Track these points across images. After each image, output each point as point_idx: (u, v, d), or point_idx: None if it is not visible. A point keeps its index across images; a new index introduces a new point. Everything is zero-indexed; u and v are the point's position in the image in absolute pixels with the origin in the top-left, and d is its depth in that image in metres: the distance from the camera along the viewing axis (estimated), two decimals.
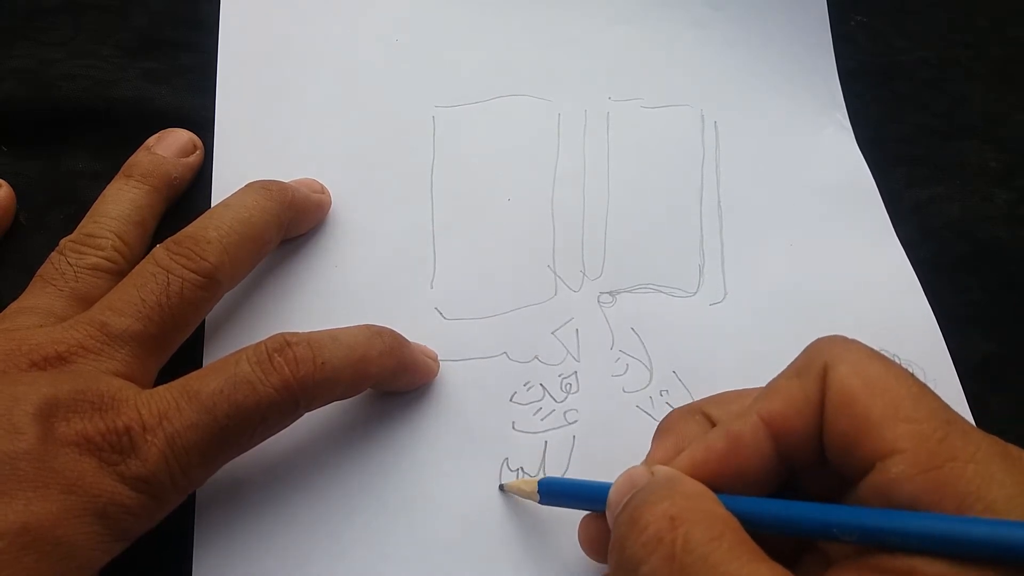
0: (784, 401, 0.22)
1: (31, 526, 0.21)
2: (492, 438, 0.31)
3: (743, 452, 0.22)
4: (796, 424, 0.22)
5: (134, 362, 0.26)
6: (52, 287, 0.28)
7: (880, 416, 0.20)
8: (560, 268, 0.34)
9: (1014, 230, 0.37)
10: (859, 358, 0.22)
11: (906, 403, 0.20)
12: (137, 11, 0.39)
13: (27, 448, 0.22)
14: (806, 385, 0.22)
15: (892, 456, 0.20)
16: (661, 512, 0.20)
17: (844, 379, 0.21)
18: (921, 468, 0.19)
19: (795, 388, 0.22)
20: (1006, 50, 0.43)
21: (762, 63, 0.41)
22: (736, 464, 0.22)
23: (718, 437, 0.23)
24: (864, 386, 0.21)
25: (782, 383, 0.23)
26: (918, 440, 0.20)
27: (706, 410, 0.25)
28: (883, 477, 0.20)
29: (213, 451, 0.25)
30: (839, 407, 0.21)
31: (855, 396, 0.21)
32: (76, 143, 0.35)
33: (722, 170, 0.38)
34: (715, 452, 0.22)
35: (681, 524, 0.20)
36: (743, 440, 0.22)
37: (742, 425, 0.22)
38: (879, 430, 0.20)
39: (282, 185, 0.32)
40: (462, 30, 0.40)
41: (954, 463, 0.19)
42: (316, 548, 0.28)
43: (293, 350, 0.26)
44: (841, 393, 0.21)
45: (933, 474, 0.19)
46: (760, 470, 0.22)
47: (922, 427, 0.20)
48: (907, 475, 0.19)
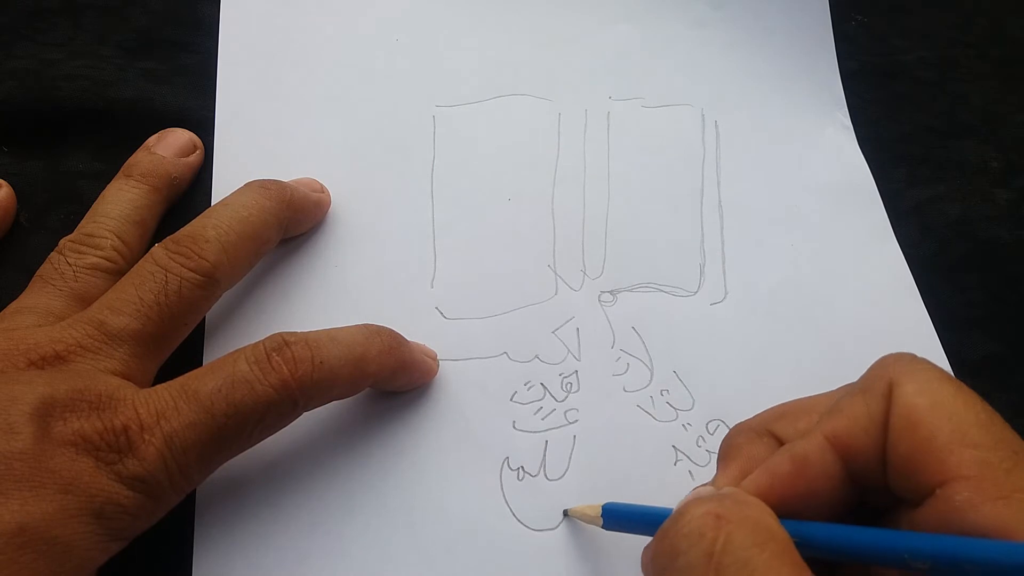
0: (849, 420, 0.21)
1: (27, 526, 0.21)
2: (492, 437, 0.30)
3: (809, 475, 0.21)
4: (863, 443, 0.21)
5: (132, 361, 0.26)
6: (51, 287, 0.28)
7: (945, 440, 0.20)
8: (560, 267, 0.34)
9: (1014, 230, 0.37)
10: (927, 378, 0.21)
11: (973, 429, 0.20)
12: (137, 11, 0.39)
13: (23, 448, 0.22)
14: (871, 403, 0.21)
15: (956, 482, 0.19)
16: (707, 509, 0.20)
17: (910, 399, 0.20)
18: (988, 497, 0.19)
19: (859, 406, 0.21)
20: (1006, 50, 0.43)
21: (763, 63, 0.41)
22: (803, 487, 0.21)
23: (783, 460, 0.22)
24: (930, 408, 0.20)
25: (847, 401, 0.22)
26: (984, 468, 0.19)
27: (772, 429, 0.24)
28: (947, 504, 0.19)
29: (211, 451, 0.25)
30: (903, 428, 0.20)
31: (920, 417, 0.20)
32: (76, 143, 0.35)
33: (723, 169, 0.38)
34: (780, 476, 0.21)
35: (726, 524, 0.19)
36: (809, 462, 0.21)
37: (807, 446, 0.21)
38: (944, 454, 0.19)
39: (281, 184, 0.32)
40: (462, 30, 0.40)
41: (1021, 494, 0.19)
42: (316, 548, 0.28)
43: (291, 349, 0.26)
44: (906, 413, 0.20)
45: (1001, 504, 0.18)
46: (828, 491, 0.21)
47: (989, 455, 0.19)
48: (973, 503, 0.19)
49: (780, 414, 0.24)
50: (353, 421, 0.30)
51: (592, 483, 0.30)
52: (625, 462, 0.30)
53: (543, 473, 0.30)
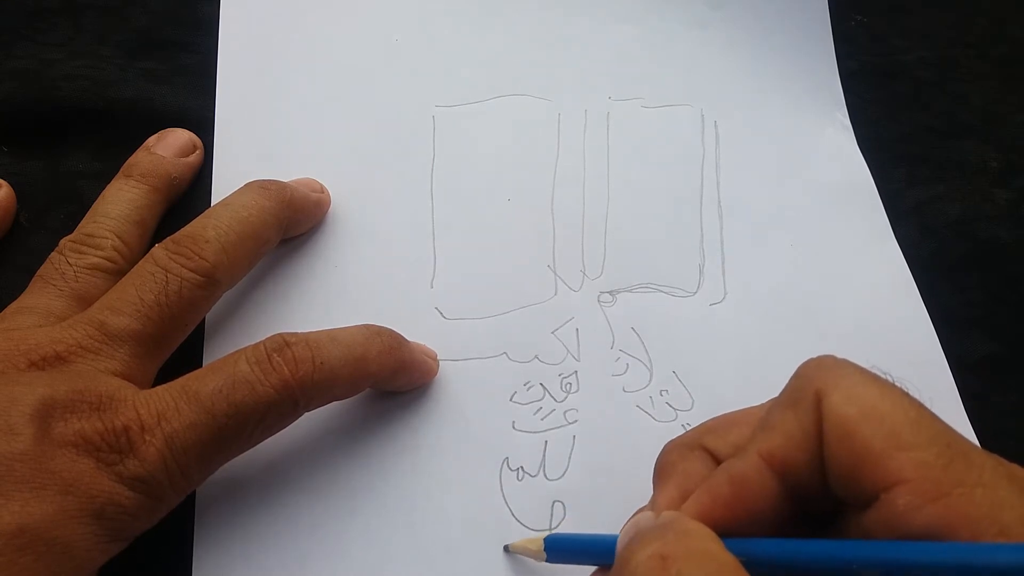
0: (782, 436, 0.21)
1: (28, 527, 0.21)
2: (492, 438, 0.30)
3: (749, 494, 0.21)
4: (798, 459, 0.21)
5: (133, 362, 0.26)
6: (52, 287, 0.28)
7: (881, 447, 0.19)
8: (560, 268, 0.34)
9: (1014, 230, 0.37)
10: (851, 383, 0.21)
11: (905, 430, 0.20)
12: (137, 11, 0.39)
13: (24, 449, 0.22)
14: (801, 416, 0.21)
15: (897, 487, 0.19)
16: (652, 551, 0.19)
17: (839, 409, 0.20)
18: (928, 497, 0.19)
19: (791, 421, 0.21)
20: (1006, 50, 0.43)
21: (763, 63, 0.41)
22: (744, 507, 0.21)
23: (722, 482, 0.21)
24: (860, 416, 0.20)
25: (777, 416, 0.22)
26: (922, 469, 0.19)
27: (704, 443, 0.24)
28: (890, 510, 0.19)
29: (212, 451, 0.25)
30: (838, 441, 0.20)
31: (852, 427, 0.20)
32: (76, 143, 0.35)
33: (722, 170, 0.38)
34: (720, 497, 0.21)
35: (673, 563, 0.19)
36: (748, 482, 0.21)
37: (744, 466, 0.21)
38: (882, 460, 0.19)
39: (281, 184, 0.32)
40: (462, 30, 0.40)
41: (962, 489, 0.19)
42: (316, 548, 0.28)
43: (292, 350, 0.26)
44: (837, 424, 0.20)
45: (942, 502, 0.19)
46: (770, 508, 0.21)
47: (924, 454, 0.19)
48: (915, 505, 0.19)
49: (710, 428, 0.24)
50: (353, 421, 0.30)
51: (591, 483, 0.30)
52: (624, 462, 0.30)
53: (543, 473, 0.30)
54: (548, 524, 0.29)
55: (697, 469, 0.23)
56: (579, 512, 0.29)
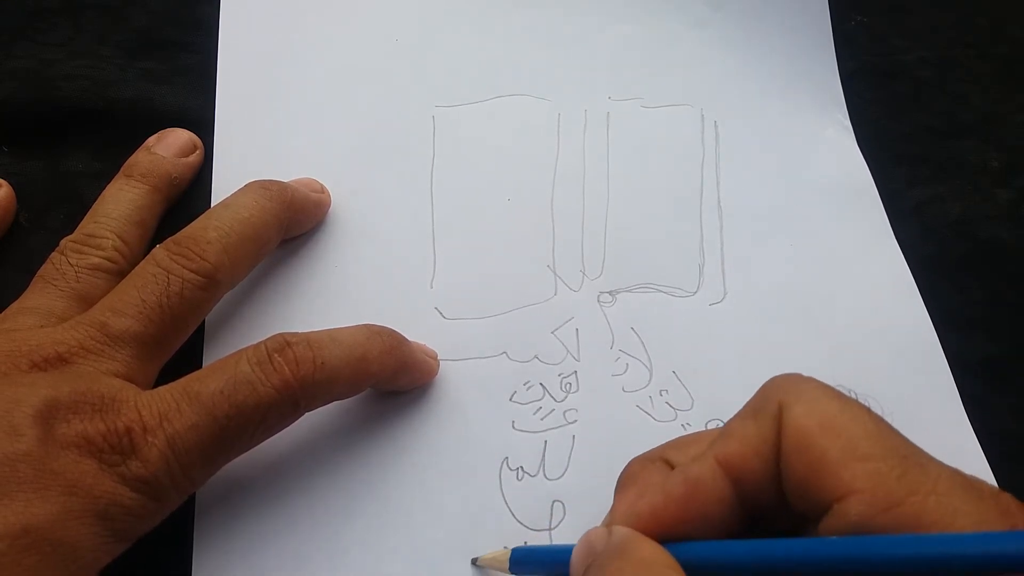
0: (740, 443, 0.22)
1: (32, 528, 0.21)
2: (492, 437, 0.31)
3: (702, 496, 0.21)
4: (754, 466, 0.21)
5: (134, 363, 0.26)
6: (53, 287, 0.28)
7: (837, 456, 0.20)
8: (560, 268, 0.34)
9: (1014, 230, 0.37)
10: (814, 397, 0.21)
11: (862, 442, 0.20)
12: (137, 11, 0.39)
13: (27, 450, 0.22)
14: (761, 426, 0.21)
15: (850, 497, 0.19)
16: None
17: (799, 419, 0.21)
18: (880, 507, 0.19)
19: (751, 429, 0.22)
20: (1007, 50, 0.43)
21: (763, 63, 0.41)
22: (696, 509, 0.21)
23: (676, 483, 0.22)
24: (819, 427, 0.20)
25: (737, 424, 0.22)
26: (876, 479, 0.19)
27: (666, 456, 0.24)
28: (844, 519, 0.19)
29: (213, 452, 0.25)
30: (795, 449, 0.21)
31: (810, 437, 0.20)
32: (76, 143, 0.35)
33: (722, 170, 0.38)
34: (674, 498, 0.22)
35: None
36: (701, 484, 0.22)
37: (699, 469, 0.22)
38: (836, 470, 0.20)
39: (281, 185, 0.32)
40: (462, 30, 0.40)
41: (914, 497, 0.19)
42: (316, 548, 0.28)
43: (293, 350, 0.26)
44: (796, 434, 0.21)
45: (894, 512, 0.19)
46: (721, 513, 0.22)
47: (879, 465, 0.19)
48: (867, 515, 0.19)
49: (672, 444, 0.25)
50: (353, 421, 0.30)
51: (591, 483, 0.30)
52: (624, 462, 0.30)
53: (542, 473, 0.30)
54: (548, 524, 0.29)
55: (655, 479, 0.23)
56: (579, 512, 0.29)
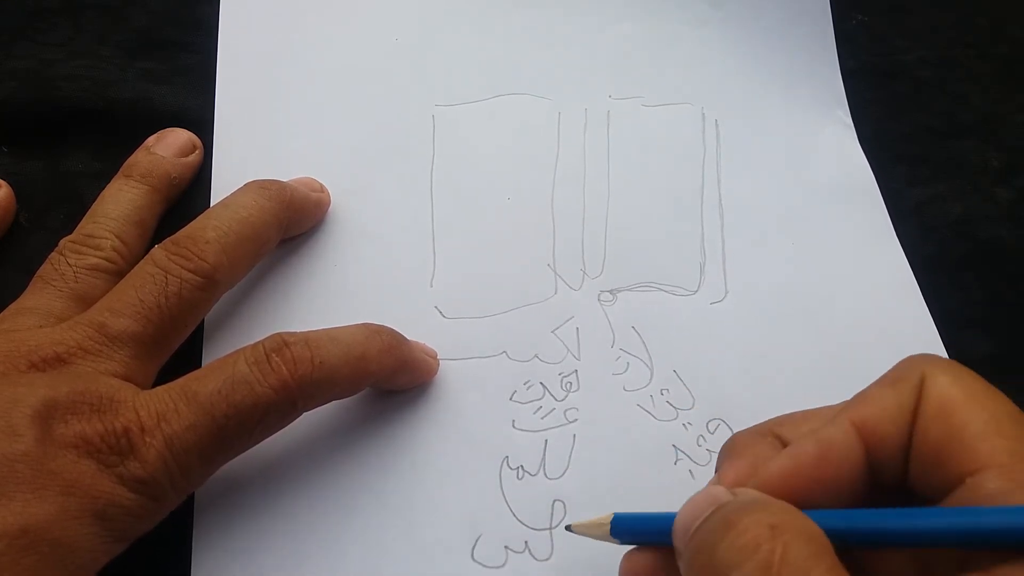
0: (877, 408, 0.21)
1: (30, 528, 0.21)
2: (492, 437, 0.30)
3: (834, 460, 0.21)
4: (890, 432, 0.21)
5: (133, 363, 0.26)
6: (52, 287, 0.28)
7: (979, 429, 0.19)
8: (560, 267, 0.34)
9: (1014, 230, 0.37)
10: (960, 373, 0.21)
11: (1006, 421, 0.20)
12: (137, 11, 0.39)
13: (26, 450, 0.22)
14: (901, 393, 0.21)
15: (988, 470, 0.19)
16: (760, 519, 0.19)
17: (944, 389, 0.20)
18: (1019, 484, 0.18)
19: (888, 396, 0.21)
20: (1007, 49, 0.43)
21: (763, 61, 0.41)
22: (827, 473, 0.21)
23: (808, 444, 0.21)
24: (965, 398, 0.20)
25: (874, 390, 0.22)
26: (1017, 458, 0.19)
27: (776, 431, 0.24)
28: (977, 492, 0.19)
29: (212, 452, 0.25)
30: (935, 416, 0.20)
31: (954, 406, 0.20)
32: (76, 143, 0.35)
33: (723, 168, 0.38)
34: (805, 460, 0.21)
35: (782, 534, 0.18)
36: (835, 446, 0.21)
37: (833, 431, 0.21)
38: (976, 443, 0.19)
39: (281, 184, 0.32)
40: (462, 30, 0.40)
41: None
42: (315, 548, 0.28)
43: (291, 350, 0.26)
44: (939, 402, 0.20)
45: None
46: (850, 481, 0.21)
47: (1021, 447, 0.19)
48: (1005, 491, 0.18)
49: (782, 420, 0.24)
50: (353, 421, 0.30)
51: (592, 482, 0.30)
52: (625, 461, 0.30)
53: (543, 472, 0.30)
54: (548, 523, 0.29)
55: (768, 452, 0.23)
56: (579, 511, 0.29)
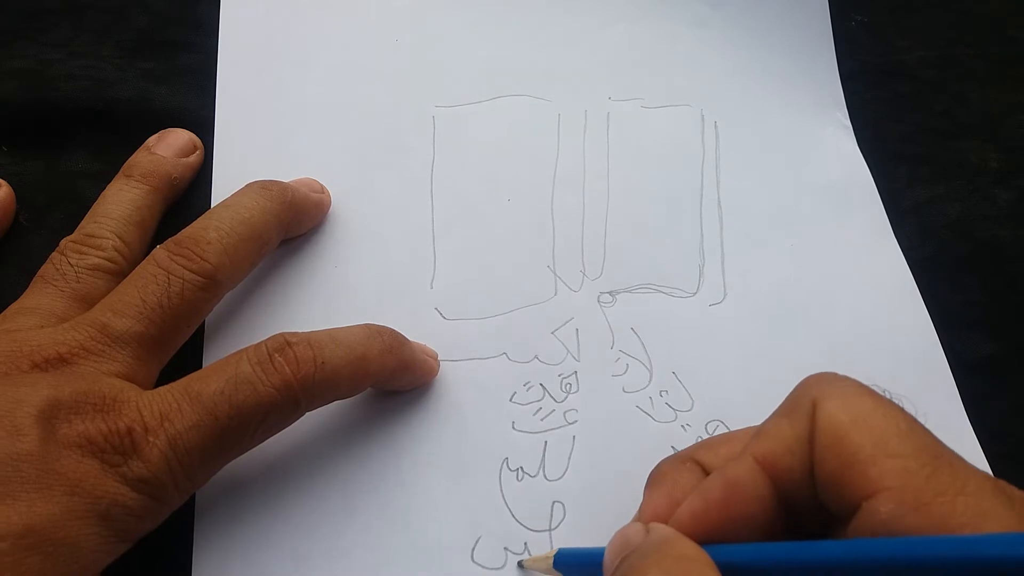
0: (776, 440, 0.22)
1: (34, 527, 0.21)
2: (492, 438, 0.31)
3: (742, 497, 0.21)
4: (790, 463, 0.21)
5: (135, 363, 0.26)
6: (53, 287, 0.28)
7: (868, 453, 0.20)
8: (560, 268, 0.34)
9: (1014, 230, 0.37)
10: (848, 394, 0.21)
11: (894, 439, 0.20)
12: (137, 11, 0.39)
13: (29, 450, 0.22)
14: (796, 423, 0.21)
15: (880, 494, 0.19)
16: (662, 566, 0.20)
17: (832, 416, 0.21)
18: (909, 506, 0.19)
19: (785, 427, 0.22)
20: (1006, 50, 0.43)
21: (762, 63, 0.41)
22: (737, 510, 0.21)
23: (715, 485, 0.22)
24: (852, 423, 0.20)
25: (772, 423, 0.22)
26: (905, 477, 0.19)
27: (697, 457, 0.24)
28: (873, 517, 0.19)
29: (214, 452, 0.25)
30: (827, 444, 0.21)
31: (842, 433, 0.20)
32: (76, 143, 0.35)
33: (722, 170, 0.38)
34: (714, 500, 0.21)
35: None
36: (740, 485, 0.21)
37: (737, 469, 0.22)
38: (867, 467, 0.20)
39: (282, 185, 0.32)
40: (462, 30, 0.40)
41: (943, 498, 0.19)
42: (316, 548, 0.28)
43: (293, 350, 0.26)
44: (829, 430, 0.21)
45: (923, 511, 0.19)
46: (761, 514, 0.22)
47: (909, 463, 0.19)
48: (896, 514, 0.19)
49: (702, 444, 0.25)
50: (353, 421, 0.30)
51: (591, 484, 0.30)
52: (624, 463, 0.31)
53: (542, 473, 0.30)
54: (548, 524, 0.29)
55: (687, 479, 0.23)
56: (579, 513, 0.29)
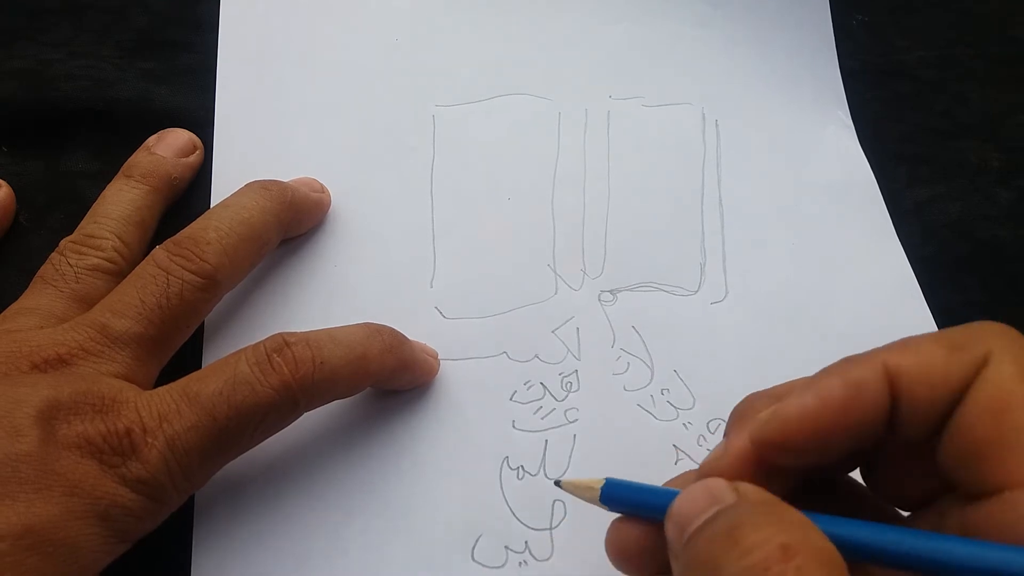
0: (921, 362, 0.18)
1: (34, 528, 0.21)
2: (492, 437, 0.30)
3: (862, 405, 0.18)
4: (927, 394, 0.18)
5: (134, 364, 0.26)
6: (52, 288, 0.28)
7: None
8: (560, 267, 0.34)
9: (1015, 230, 0.37)
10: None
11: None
12: (137, 11, 0.39)
13: (29, 450, 0.22)
14: (955, 361, 0.18)
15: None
16: (770, 537, 0.17)
17: (1007, 379, 0.17)
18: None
19: (938, 357, 0.18)
20: (1007, 49, 0.43)
21: (764, 61, 0.41)
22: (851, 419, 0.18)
23: (834, 384, 0.18)
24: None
25: (925, 343, 0.19)
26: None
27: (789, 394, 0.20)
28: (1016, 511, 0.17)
29: (213, 452, 0.25)
30: (988, 408, 0.17)
31: (1014, 404, 0.17)
32: (76, 143, 0.35)
33: (723, 169, 0.38)
34: (831, 401, 0.18)
35: (795, 556, 0.16)
36: (863, 390, 0.18)
37: (863, 372, 0.18)
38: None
39: (281, 185, 0.32)
40: (462, 30, 0.40)
41: None
42: (315, 548, 0.28)
43: (292, 350, 0.26)
44: (998, 393, 0.17)
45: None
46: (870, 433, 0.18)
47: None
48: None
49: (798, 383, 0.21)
50: (353, 421, 0.30)
51: None
52: (625, 461, 0.30)
53: (543, 472, 0.30)
54: (549, 523, 0.29)
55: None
56: (580, 511, 0.29)
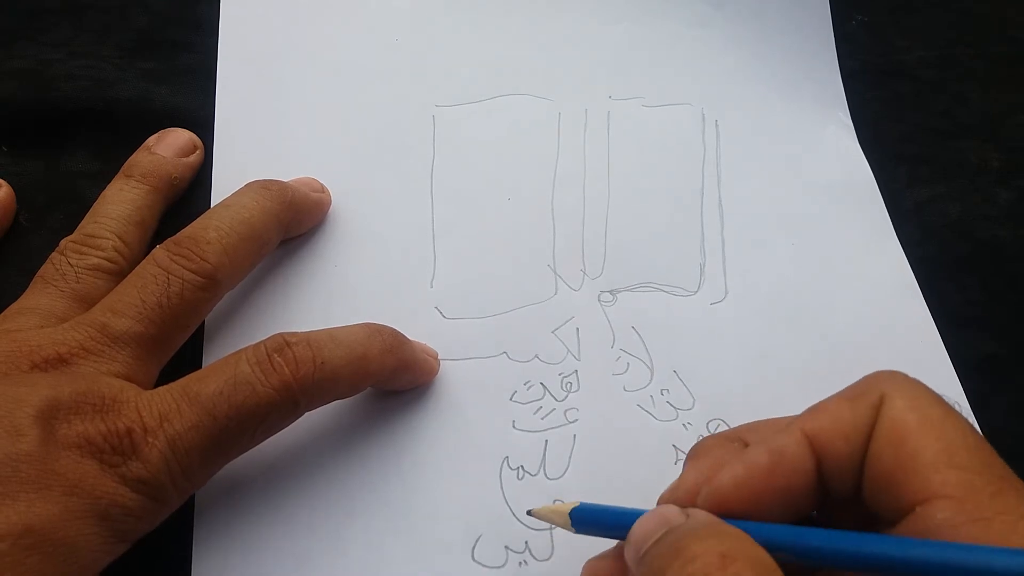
0: (832, 421, 0.21)
1: (34, 528, 0.21)
2: (492, 437, 0.30)
3: (785, 469, 0.21)
4: (842, 449, 0.21)
5: (135, 363, 0.26)
6: (53, 287, 0.28)
7: (932, 459, 0.19)
8: (560, 267, 0.34)
9: (1015, 230, 0.37)
10: (918, 396, 0.21)
11: (961, 451, 0.19)
12: (137, 11, 0.39)
13: (29, 450, 0.22)
14: (858, 410, 0.21)
15: (938, 501, 0.19)
16: (710, 547, 0.19)
17: (900, 413, 0.20)
18: (969, 517, 0.18)
19: (845, 411, 0.21)
20: (1007, 50, 0.43)
21: (763, 62, 0.41)
22: (778, 482, 0.21)
23: (760, 453, 0.21)
24: (920, 424, 0.20)
25: (832, 403, 0.22)
26: (969, 490, 0.19)
27: (742, 436, 0.24)
28: (926, 523, 0.19)
29: (214, 452, 0.25)
30: (889, 441, 0.20)
31: (908, 432, 0.20)
32: (76, 143, 0.36)
33: (723, 169, 0.38)
34: (757, 468, 0.21)
35: (732, 563, 0.18)
36: (786, 456, 0.21)
37: (785, 440, 0.21)
38: (928, 472, 0.19)
39: (282, 185, 0.32)
40: (462, 30, 0.40)
41: (1006, 516, 0.18)
42: (316, 548, 0.28)
43: (292, 350, 0.26)
44: (894, 426, 0.20)
45: (982, 524, 0.18)
46: (799, 493, 0.21)
47: (975, 478, 0.19)
48: (953, 522, 0.18)
49: (751, 426, 0.24)
50: (353, 421, 0.30)
51: (592, 482, 0.30)
52: (625, 462, 0.30)
53: (543, 472, 0.30)
54: (549, 523, 0.29)
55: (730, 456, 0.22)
56: None
